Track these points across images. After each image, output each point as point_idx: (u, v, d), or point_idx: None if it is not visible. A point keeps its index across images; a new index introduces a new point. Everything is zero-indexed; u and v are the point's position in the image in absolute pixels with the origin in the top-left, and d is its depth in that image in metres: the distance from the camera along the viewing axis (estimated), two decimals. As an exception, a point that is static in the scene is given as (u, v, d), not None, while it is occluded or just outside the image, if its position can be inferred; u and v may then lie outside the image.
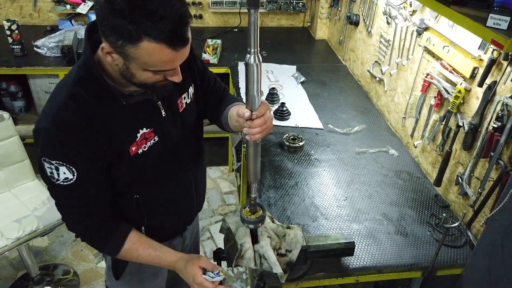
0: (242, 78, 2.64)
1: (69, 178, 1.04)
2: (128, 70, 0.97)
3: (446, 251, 1.51)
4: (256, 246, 1.24)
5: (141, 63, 0.93)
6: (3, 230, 1.99)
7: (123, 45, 0.89)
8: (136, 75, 0.98)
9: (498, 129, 1.40)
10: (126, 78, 1.00)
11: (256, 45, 0.91)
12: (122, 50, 0.91)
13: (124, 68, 0.97)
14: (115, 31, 0.88)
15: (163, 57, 0.92)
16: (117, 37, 0.88)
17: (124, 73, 0.98)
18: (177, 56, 0.94)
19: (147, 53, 0.90)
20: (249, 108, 1.00)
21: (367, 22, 2.54)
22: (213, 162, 3.39)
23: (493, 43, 1.12)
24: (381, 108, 2.38)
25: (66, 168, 1.02)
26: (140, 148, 1.13)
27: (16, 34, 2.67)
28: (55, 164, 1.02)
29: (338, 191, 1.76)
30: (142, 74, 0.97)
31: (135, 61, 0.93)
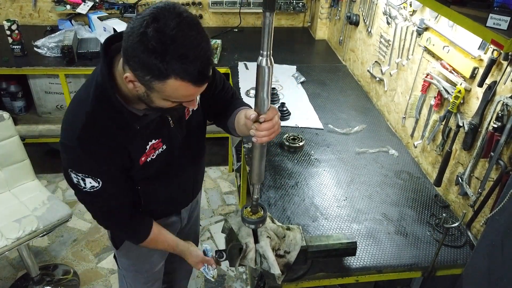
0: (242, 78, 2.64)
1: (95, 186, 1.13)
2: (149, 98, 1.01)
3: (446, 251, 1.51)
4: (256, 246, 1.24)
5: (164, 95, 0.98)
6: (3, 230, 1.99)
7: (151, 80, 0.93)
8: (155, 102, 1.02)
9: (498, 129, 1.40)
10: (144, 102, 1.04)
11: (269, 48, 0.93)
12: (147, 83, 0.95)
13: (145, 96, 1.01)
14: (145, 68, 0.92)
15: (186, 92, 0.97)
16: (146, 73, 0.92)
17: (143, 98, 1.02)
18: (199, 90, 1.00)
19: (172, 89, 0.95)
20: (257, 110, 1.02)
21: (367, 22, 2.54)
22: (213, 162, 3.39)
23: (493, 43, 1.12)
24: (381, 108, 2.38)
25: (92, 179, 1.12)
26: (148, 157, 1.21)
27: (16, 34, 2.67)
28: (81, 176, 1.11)
29: (338, 191, 1.76)
30: (161, 102, 1.02)
31: (158, 93, 0.98)
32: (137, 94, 1.02)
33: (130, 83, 0.98)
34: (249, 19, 3.56)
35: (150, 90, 0.97)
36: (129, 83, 0.98)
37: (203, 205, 3.01)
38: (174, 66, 0.90)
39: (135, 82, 0.98)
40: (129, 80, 0.97)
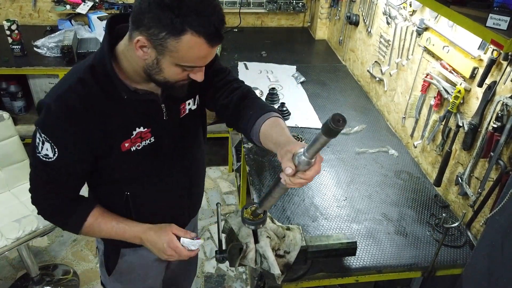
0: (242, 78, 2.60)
1: (49, 155, 1.05)
2: (158, 65, 0.98)
3: (446, 251, 1.51)
4: (256, 246, 1.24)
5: (177, 57, 0.96)
6: (3, 230, 1.99)
7: (165, 37, 0.92)
8: (164, 70, 0.99)
9: (498, 129, 1.40)
10: (150, 73, 1.01)
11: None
12: (162, 42, 0.93)
13: (154, 63, 0.98)
14: (160, 24, 0.91)
15: (200, 52, 0.96)
16: (161, 29, 0.91)
17: (150, 69, 1.00)
18: (211, 53, 0.99)
19: (188, 46, 0.93)
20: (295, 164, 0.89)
21: (367, 22, 2.54)
22: (213, 162, 3.39)
23: (493, 43, 1.12)
24: (381, 108, 2.38)
25: (50, 146, 1.04)
26: (133, 146, 1.13)
27: (16, 34, 2.67)
28: (43, 137, 1.04)
29: (338, 191, 1.76)
30: (171, 69, 0.99)
31: (171, 54, 0.95)
32: (144, 65, 1.00)
33: (139, 50, 0.96)
34: (249, 19, 3.56)
35: (162, 53, 0.95)
36: (138, 50, 0.96)
37: (203, 205, 3.00)
38: (190, 20, 0.90)
39: (145, 48, 0.96)
40: (140, 46, 0.96)
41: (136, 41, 0.95)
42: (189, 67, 1.00)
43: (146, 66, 1.00)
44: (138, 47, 0.96)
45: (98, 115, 1.04)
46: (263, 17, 3.58)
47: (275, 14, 3.57)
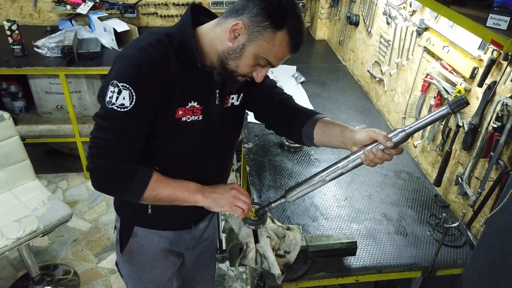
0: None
1: (125, 105, 1.06)
2: (241, 51, 1.08)
3: (446, 251, 1.51)
4: (256, 246, 1.24)
5: (263, 48, 1.07)
6: (3, 230, 1.99)
7: (267, 26, 1.05)
8: (243, 58, 1.09)
9: (498, 129, 1.40)
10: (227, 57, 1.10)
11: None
12: (260, 30, 1.05)
13: (238, 48, 1.08)
14: (267, 14, 1.04)
15: (282, 53, 1.10)
16: (266, 18, 1.04)
17: (231, 53, 1.09)
18: (286, 57, 1.13)
19: (278, 42, 1.07)
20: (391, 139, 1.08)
21: (367, 22, 2.54)
22: (213, 162, 3.39)
23: (493, 43, 1.12)
24: (381, 108, 2.38)
25: (129, 94, 1.06)
26: (185, 116, 1.17)
27: (16, 34, 2.67)
28: (121, 86, 1.05)
29: (338, 191, 1.76)
30: (249, 59, 1.09)
31: (260, 44, 1.07)
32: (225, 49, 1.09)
33: (231, 34, 1.07)
34: (249, 19, 3.55)
35: (253, 40, 1.06)
36: (231, 33, 1.07)
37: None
38: (290, 21, 1.06)
39: (240, 32, 1.06)
40: (234, 29, 1.06)
41: (235, 24, 1.06)
42: (264, 62, 1.11)
43: (227, 49, 1.10)
44: (232, 31, 1.07)
45: (170, 75, 1.10)
46: (263, 17, 3.57)
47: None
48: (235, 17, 1.08)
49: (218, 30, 1.11)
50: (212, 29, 1.13)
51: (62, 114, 3.18)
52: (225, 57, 1.11)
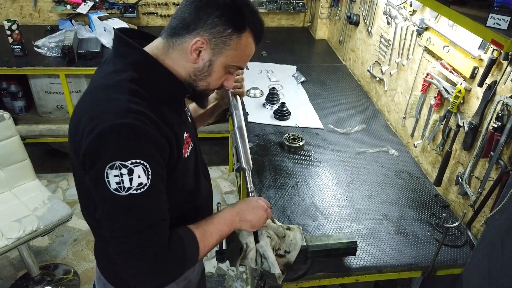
0: (242, 78, 2.64)
1: (143, 183, 0.88)
2: (209, 68, 1.00)
3: (446, 251, 1.51)
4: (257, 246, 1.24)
5: (232, 56, 1.00)
6: (3, 230, 1.99)
7: (231, 34, 0.97)
8: (213, 73, 1.02)
9: (498, 129, 1.40)
10: (195, 79, 1.02)
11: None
12: (226, 39, 0.97)
13: (205, 66, 1.00)
14: (226, 21, 0.96)
15: (250, 50, 1.03)
16: (227, 26, 0.96)
17: (198, 73, 1.01)
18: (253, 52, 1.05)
19: (245, 44, 1.00)
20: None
21: (367, 22, 2.54)
22: (213, 162, 3.39)
23: (493, 43, 1.12)
24: (381, 108, 2.38)
25: (143, 169, 0.87)
26: (186, 151, 1.06)
27: (16, 34, 2.67)
28: (129, 165, 0.86)
29: (338, 191, 1.76)
30: (219, 72, 1.02)
31: (228, 53, 0.99)
32: (191, 71, 1.00)
33: (193, 54, 0.97)
34: (249, 19, 3.55)
35: (220, 53, 0.98)
36: (192, 53, 0.97)
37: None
38: (249, 18, 0.98)
39: (202, 49, 0.97)
40: (195, 49, 0.97)
41: (194, 43, 0.96)
42: (234, 69, 1.05)
43: (193, 71, 1.01)
44: (193, 51, 0.97)
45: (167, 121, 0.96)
46: (264, 17, 3.53)
47: (275, 14, 3.57)
48: (189, 34, 0.96)
49: (174, 53, 0.99)
50: (165, 54, 0.99)
51: (62, 114, 3.18)
52: (193, 80, 1.02)
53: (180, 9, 0.99)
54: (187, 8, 0.97)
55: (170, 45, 0.99)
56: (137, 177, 0.87)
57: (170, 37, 0.99)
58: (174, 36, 0.98)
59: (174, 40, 0.98)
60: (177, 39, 0.98)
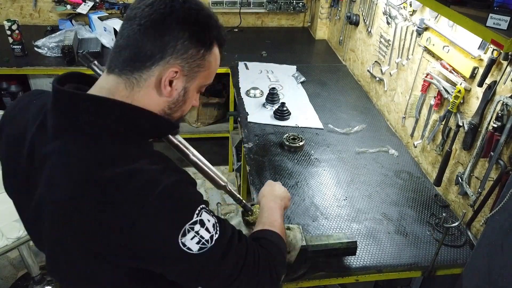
0: (242, 78, 2.64)
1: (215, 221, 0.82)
2: (184, 97, 0.88)
3: (446, 250, 1.51)
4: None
5: (205, 77, 0.89)
6: (3, 230, 1.99)
7: (203, 54, 0.85)
8: (188, 100, 0.90)
9: (498, 129, 1.40)
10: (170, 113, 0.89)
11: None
12: (200, 62, 0.85)
13: (180, 96, 0.87)
14: (196, 39, 0.83)
15: (218, 62, 0.91)
16: (199, 46, 0.84)
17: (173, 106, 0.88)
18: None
19: (214, 58, 0.89)
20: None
21: (367, 22, 2.54)
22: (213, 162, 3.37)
23: (493, 43, 1.13)
24: (381, 108, 2.38)
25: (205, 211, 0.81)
26: None
27: (16, 34, 2.67)
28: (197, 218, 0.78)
29: (338, 190, 1.76)
30: (193, 97, 0.91)
31: (203, 74, 0.88)
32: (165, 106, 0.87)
33: (167, 88, 0.84)
34: (249, 19, 3.56)
35: (194, 77, 0.86)
36: (166, 87, 0.84)
37: (203, 205, 3.00)
38: (214, 30, 0.86)
39: (173, 80, 0.84)
40: (170, 79, 0.83)
41: (167, 76, 0.82)
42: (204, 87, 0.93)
43: (168, 105, 0.87)
44: (167, 83, 0.83)
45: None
46: (263, 17, 3.58)
47: (275, 14, 3.57)
48: (155, 65, 0.81)
49: (141, 92, 0.83)
50: (131, 95, 0.83)
51: (62, 114, 3.18)
52: (168, 114, 0.89)
53: (129, 36, 0.81)
54: (142, 34, 0.80)
55: (133, 83, 0.82)
56: (207, 221, 0.80)
57: (129, 73, 0.82)
58: (134, 72, 0.82)
59: (137, 76, 0.82)
60: (140, 74, 0.82)
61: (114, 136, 0.81)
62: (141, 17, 0.80)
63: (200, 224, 0.78)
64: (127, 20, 0.82)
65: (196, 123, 3.36)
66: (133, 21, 0.80)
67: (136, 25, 0.80)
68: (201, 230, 0.78)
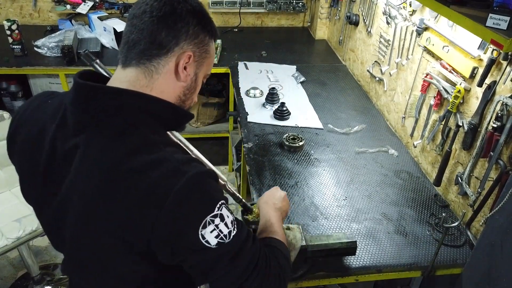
0: (242, 78, 2.64)
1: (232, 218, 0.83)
2: (195, 83, 0.93)
3: (446, 250, 1.51)
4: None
5: (209, 64, 0.94)
6: (3, 229, 1.99)
7: (209, 41, 0.91)
8: (196, 89, 0.94)
9: (498, 129, 1.40)
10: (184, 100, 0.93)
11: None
12: (207, 48, 0.91)
13: (192, 82, 0.92)
14: (204, 28, 0.89)
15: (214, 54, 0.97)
16: (206, 33, 0.90)
17: (187, 92, 0.92)
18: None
19: (213, 48, 0.94)
20: None
21: (367, 22, 2.54)
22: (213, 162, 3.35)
23: (492, 43, 1.13)
24: (380, 108, 2.38)
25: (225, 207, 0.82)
26: None
27: (16, 34, 2.67)
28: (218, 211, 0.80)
29: (338, 190, 1.76)
30: (199, 87, 0.95)
31: (208, 61, 0.93)
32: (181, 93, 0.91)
33: (183, 73, 0.88)
34: (249, 19, 3.56)
35: (202, 64, 0.92)
36: (182, 72, 0.88)
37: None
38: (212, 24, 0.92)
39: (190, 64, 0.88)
40: (185, 64, 0.88)
41: (184, 60, 0.87)
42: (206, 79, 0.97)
43: (183, 90, 0.91)
44: (183, 69, 0.88)
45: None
46: (263, 17, 3.58)
47: (275, 14, 3.57)
48: (171, 51, 0.85)
49: (160, 79, 0.87)
50: (151, 84, 0.86)
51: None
52: (182, 101, 0.92)
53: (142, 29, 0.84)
54: (156, 24, 0.84)
55: (152, 70, 0.86)
56: (227, 217, 0.81)
57: (147, 62, 0.85)
58: (152, 60, 0.85)
59: (156, 64, 0.86)
60: (158, 61, 0.85)
61: (137, 127, 0.82)
62: (151, 11, 0.84)
63: (220, 218, 0.79)
64: (135, 17, 0.86)
65: (196, 123, 3.36)
66: (144, 16, 0.84)
67: (148, 17, 0.84)
68: (220, 224, 0.79)
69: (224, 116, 3.42)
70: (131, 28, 0.86)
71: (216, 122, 3.43)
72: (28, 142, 0.93)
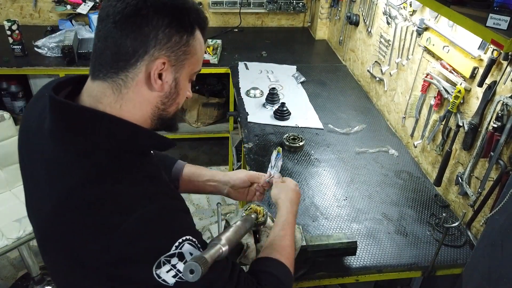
0: (242, 78, 2.64)
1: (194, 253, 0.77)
2: (176, 88, 0.83)
3: (446, 250, 1.51)
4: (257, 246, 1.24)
5: (194, 63, 0.84)
6: (3, 230, 1.99)
7: (187, 40, 0.79)
8: (180, 92, 0.85)
9: (498, 129, 1.40)
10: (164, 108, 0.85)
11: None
12: (185, 48, 0.80)
13: (172, 88, 0.83)
14: (178, 25, 0.78)
15: (203, 47, 0.86)
16: (181, 33, 0.78)
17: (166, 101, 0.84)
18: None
19: (199, 43, 0.83)
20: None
21: (367, 22, 2.54)
22: (213, 162, 3.39)
23: (493, 43, 1.13)
24: (381, 108, 2.38)
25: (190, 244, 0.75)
26: None
27: (16, 34, 2.67)
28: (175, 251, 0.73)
29: (338, 191, 1.76)
30: (185, 88, 0.87)
31: (191, 61, 0.83)
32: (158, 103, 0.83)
33: (157, 81, 0.79)
34: (249, 19, 3.56)
35: (182, 66, 0.81)
36: (156, 81, 0.79)
37: (204, 205, 3.01)
38: (193, 13, 0.80)
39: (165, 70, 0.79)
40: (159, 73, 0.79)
41: (155, 69, 0.78)
42: (195, 75, 0.88)
43: (160, 100, 0.83)
44: (157, 77, 0.79)
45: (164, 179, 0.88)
46: (263, 17, 3.58)
47: (275, 14, 3.57)
48: (140, 61, 0.76)
49: (130, 92, 0.79)
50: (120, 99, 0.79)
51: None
52: (162, 109, 0.84)
53: (106, 37, 0.76)
54: (119, 31, 0.75)
55: (120, 85, 0.78)
56: (189, 255, 0.74)
57: (114, 76, 0.77)
58: (119, 73, 0.77)
59: (123, 77, 0.77)
60: (126, 73, 0.77)
61: (102, 149, 0.77)
62: (114, 14, 0.75)
63: (178, 257, 0.72)
64: (100, 21, 0.77)
65: (196, 123, 3.36)
66: (107, 20, 0.75)
67: (111, 23, 0.75)
68: (178, 264, 0.72)
69: (224, 116, 3.42)
70: (98, 34, 0.78)
71: (216, 122, 3.43)
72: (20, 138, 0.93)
